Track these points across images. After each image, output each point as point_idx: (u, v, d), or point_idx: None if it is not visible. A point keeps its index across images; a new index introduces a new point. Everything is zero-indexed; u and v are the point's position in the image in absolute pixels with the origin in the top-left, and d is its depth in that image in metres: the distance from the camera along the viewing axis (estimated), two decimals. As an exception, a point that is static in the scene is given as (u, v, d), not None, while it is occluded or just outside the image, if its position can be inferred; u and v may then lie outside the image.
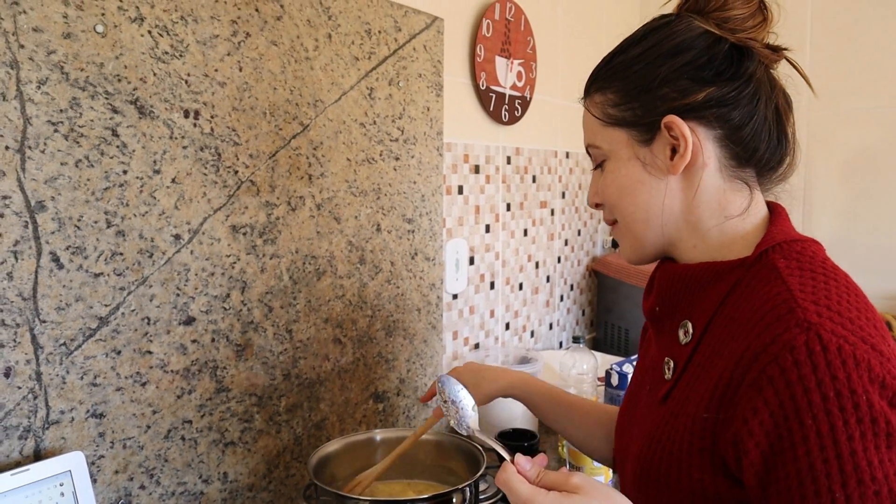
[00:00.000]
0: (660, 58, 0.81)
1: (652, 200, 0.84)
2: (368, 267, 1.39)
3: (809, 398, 0.64)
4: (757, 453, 0.68)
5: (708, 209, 0.83)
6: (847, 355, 0.65)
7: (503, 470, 0.72)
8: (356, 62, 1.32)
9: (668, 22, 0.83)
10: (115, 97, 0.95)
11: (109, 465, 0.98)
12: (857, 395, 0.64)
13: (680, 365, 0.82)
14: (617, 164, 0.86)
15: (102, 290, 0.95)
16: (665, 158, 0.82)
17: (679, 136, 0.80)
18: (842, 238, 2.42)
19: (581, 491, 0.68)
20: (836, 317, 0.68)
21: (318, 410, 1.30)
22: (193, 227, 1.06)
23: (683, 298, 0.85)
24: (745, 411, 0.68)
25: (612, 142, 0.85)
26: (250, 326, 1.16)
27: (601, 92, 0.86)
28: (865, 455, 0.63)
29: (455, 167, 1.68)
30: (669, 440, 0.79)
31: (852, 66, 2.38)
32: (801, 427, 0.64)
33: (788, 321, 0.68)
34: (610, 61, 0.87)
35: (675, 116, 0.79)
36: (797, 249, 0.78)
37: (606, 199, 0.88)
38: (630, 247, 0.90)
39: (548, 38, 2.07)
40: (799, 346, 0.66)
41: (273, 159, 1.17)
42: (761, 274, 0.76)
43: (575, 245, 2.36)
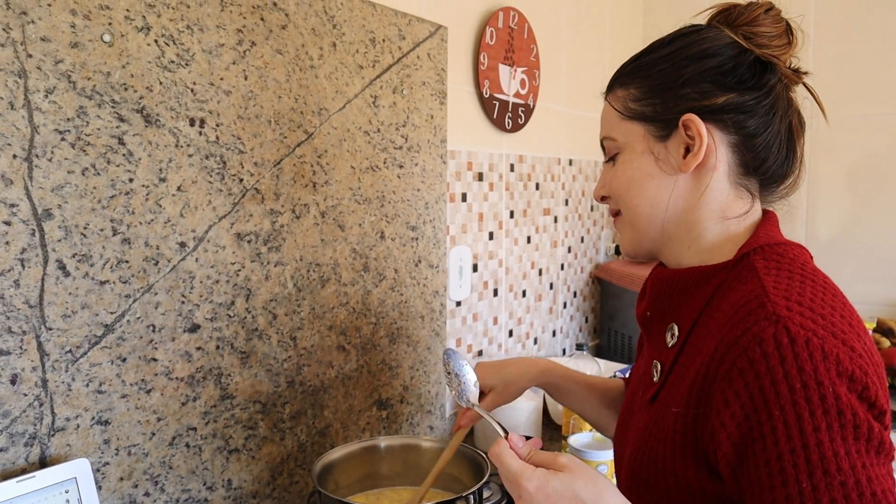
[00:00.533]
0: (686, 59, 0.83)
1: (659, 195, 0.86)
2: (372, 274, 1.40)
3: (777, 389, 0.66)
4: (729, 445, 0.69)
5: (709, 211, 0.84)
6: (814, 348, 0.66)
7: (496, 444, 0.75)
8: (360, 70, 1.33)
9: (699, 29, 0.86)
10: (122, 106, 0.96)
11: (114, 472, 0.98)
12: (824, 387, 0.65)
13: (666, 367, 0.84)
14: (630, 156, 0.87)
15: (108, 297, 0.96)
16: (678, 156, 0.84)
17: (695, 135, 0.82)
18: (845, 245, 2.42)
19: (567, 469, 0.70)
20: (808, 312, 0.69)
21: (322, 417, 1.31)
22: (198, 234, 1.06)
23: (671, 302, 0.87)
24: (718, 404, 0.70)
25: (629, 134, 0.87)
26: (255, 334, 1.16)
27: (624, 87, 0.88)
28: (832, 446, 0.64)
29: (458, 175, 1.69)
30: (656, 440, 0.80)
31: (855, 73, 2.38)
32: (770, 418, 0.66)
33: (758, 314, 0.69)
34: (636, 60, 0.89)
35: (693, 115, 0.81)
36: (779, 252, 0.80)
37: (614, 189, 0.90)
38: (629, 239, 0.92)
39: (551, 46, 2.07)
40: (767, 339, 0.67)
41: (278, 167, 1.18)
42: (741, 275, 0.78)
43: (578, 252, 2.37)
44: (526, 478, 0.70)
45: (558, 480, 0.69)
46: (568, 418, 1.54)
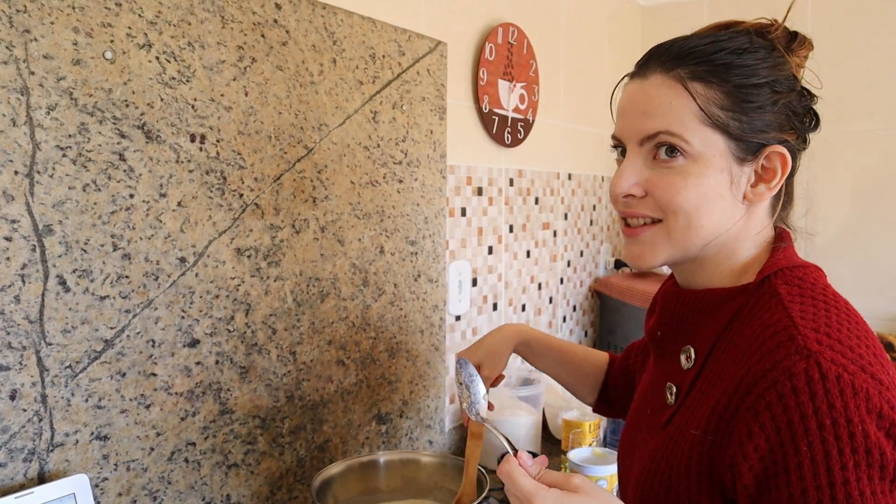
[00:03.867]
0: (773, 83, 0.79)
1: (724, 220, 0.80)
2: (372, 289, 1.40)
3: (806, 425, 0.65)
4: (751, 477, 0.68)
5: (749, 238, 0.83)
6: (845, 384, 0.65)
7: (506, 462, 0.73)
8: (360, 86, 1.34)
9: (771, 48, 0.80)
10: (123, 122, 0.96)
11: (113, 488, 0.98)
12: (854, 425, 0.64)
13: (683, 390, 0.82)
14: (707, 170, 0.78)
15: (108, 312, 0.96)
16: (748, 183, 0.80)
17: (777, 167, 0.79)
18: (844, 259, 2.42)
19: (581, 491, 0.69)
20: (837, 345, 0.68)
21: (322, 432, 1.31)
22: (199, 249, 1.07)
23: (686, 324, 0.85)
24: (741, 435, 0.69)
25: (708, 144, 0.78)
26: (254, 348, 1.16)
27: (704, 83, 0.78)
28: (858, 485, 0.63)
29: (458, 189, 1.69)
30: (668, 464, 0.79)
31: (854, 89, 2.39)
32: (796, 453, 0.65)
33: (788, 348, 0.68)
34: (717, 54, 0.79)
35: (783, 147, 0.79)
36: (799, 276, 0.79)
37: (674, 200, 0.79)
38: (668, 254, 0.83)
39: (550, 62, 2.08)
40: (798, 374, 0.66)
41: (278, 182, 1.18)
42: (762, 300, 0.77)
43: (577, 266, 2.37)
44: (540, 498, 0.68)
45: (574, 502, 0.68)
46: (567, 433, 1.54)
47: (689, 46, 0.79)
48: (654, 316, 0.92)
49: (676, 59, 0.79)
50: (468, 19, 1.70)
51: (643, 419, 0.92)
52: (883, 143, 2.36)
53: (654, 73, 0.80)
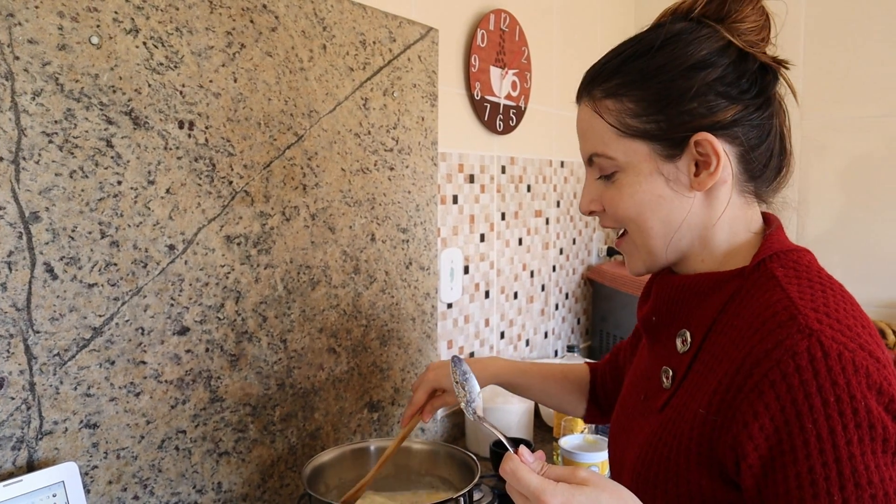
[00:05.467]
0: (687, 70, 0.78)
1: (672, 216, 0.82)
2: (363, 276, 1.40)
3: (810, 403, 0.65)
4: (756, 457, 0.69)
5: (723, 225, 0.83)
6: (847, 361, 0.66)
7: (508, 460, 0.71)
8: (351, 73, 1.33)
9: (689, 29, 0.80)
10: (110, 108, 0.95)
11: (103, 476, 0.98)
12: (857, 401, 0.65)
13: (679, 374, 0.82)
14: (636, 177, 0.82)
15: (96, 300, 0.96)
16: (689, 174, 0.80)
17: (710, 153, 0.78)
18: (836, 247, 2.43)
19: (590, 484, 0.68)
20: (836, 324, 0.69)
21: (313, 420, 1.30)
22: (188, 237, 1.06)
23: (681, 308, 0.85)
24: (745, 415, 0.69)
25: (630, 154, 0.81)
26: (244, 336, 1.16)
27: (615, 98, 0.81)
28: (863, 459, 0.64)
29: (450, 177, 1.69)
30: (667, 446, 0.79)
31: (846, 76, 2.39)
32: (802, 431, 0.66)
33: (790, 327, 0.69)
34: (624, 65, 0.82)
35: (707, 134, 0.78)
36: (793, 259, 0.79)
37: (621, 212, 0.84)
38: (642, 261, 0.87)
39: (542, 49, 2.08)
40: (801, 352, 0.67)
41: (267, 169, 1.17)
42: (760, 283, 0.77)
43: (570, 254, 2.37)
44: (549, 493, 0.67)
45: (584, 495, 0.66)
46: (559, 420, 1.54)
47: (600, 66, 0.84)
48: (649, 302, 0.92)
49: (592, 83, 0.84)
50: (459, 5, 1.69)
51: (636, 405, 0.92)
52: (876, 129, 2.36)
53: (582, 99, 0.86)
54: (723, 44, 0.79)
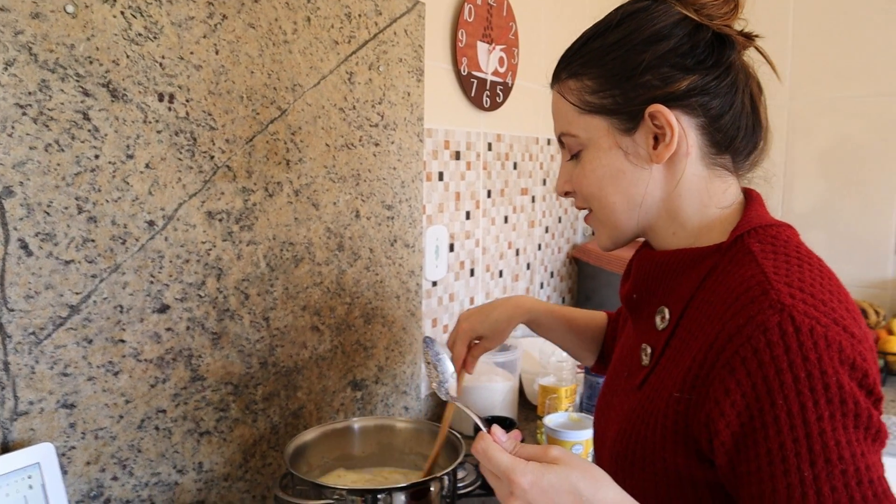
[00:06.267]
0: (640, 44, 0.79)
1: (633, 190, 0.83)
2: (347, 254, 1.38)
3: (781, 379, 0.65)
4: (728, 434, 0.69)
5: (689, 197, 0.83)
6: (819, 336, 0.66)
7: (480, 439, 0.72)
8: (336, 46, 1.30)
9: (647, 6, 0.81)
10: (87, 80, 0.92)
11: (81, 457, 0.96)
12: (828, 376, 0.65)
13: (657, 351, 0.83)
14: (597, 153, 0.84)
15: (73, 277, 0.93)
16: (648, 147, 0.81)
17: (664, 125, 0.79)
18: (821, 226, 2.44)
19: (561, 462, 0.68)
20: (809, 298, 0.69)
21: (296, 399, 1.29)
22: (168, 213, 1.04)
23: (660, 285, 0.85)
24: (717, 392, 0.69)
25: (591, 130, 0.84)
26: (226, 314, 1.14)
27: (576, 78, 0.84)
28: (834, 435, 0.64)
29: (435, 153, 1.67)
30: (644, 424, 0.80)
31: (833, 56, 2.38)
32: (773, 407, 0.66)
33: (762, 302, 0.69)
34: (584, 46, 0.85)
35: (660, 105, 0.78)
36: (772, 234, 0.79)
37: (584, 188, 0.86)
38: (608, 235, 0.89)
39: (530, 24, 2.05)
40: (772, 327, 0.66)
41: (250, 144, 1.15)
42: (737, 258, 0.77)
43: (555, 232, 2.36)
44: (519, 472, 0.68)
45: (554, 473, 0.67)
46: (543, 399, 1.54)
47: (566, 51, 0.87)
48: (629, 280, 0.92)
49: (559, 67, 0.87)
50: (447, -22, 1.66)
51: (619, 382, 0.92)
52: (862, 109, 2.36)
53: (553, 84, 0.89)
54: (678, 17, 0.79)
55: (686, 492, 0.75)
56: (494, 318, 1.17)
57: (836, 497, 0.63)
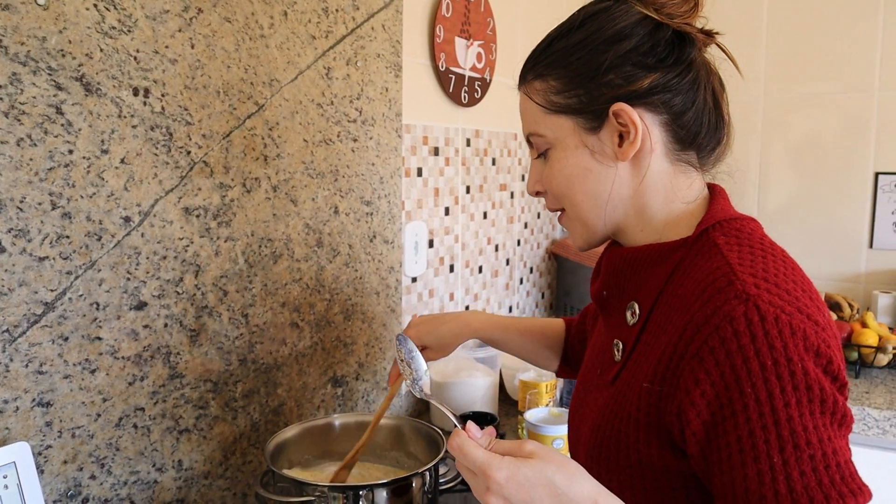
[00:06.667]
0: (602, 44, 0.81)
1: (600, 188, 0.84)
2: (326, 250, 1.37)
3: (749, 367, 0.66)
4: (698, 423, 0.70)
5: (655, 193, 0.84)
6: (784, 325, 0.67)
7: (455, 435, 0.72)
8: (313, 41, 1.29)
9: (608, 7, 0.83)
10: (59, 73, 0.91)
11: (57, 456, 0.95)
12: (794, 363, 0.66)
13: (629, 345, 0.84)
14: (564, 152, 0.85)
15: (48, 274, 0.92)
16: (613, 145, 0.82)
17: (628, 123, 0.80)
18: (795, 221, 2.46)
19: (536, 456, 0.69)
20: (774, 288, 0.70)
21: (276, 396, 1.28)
22: (144, 209, 1.03)
23: (629, 280, 0.86)
24: (687, 383, 0.70)
25: (557, 130, 0.85)
26: (204, 311, 1.13)
27: (542, 79, 0.86)
28: (801, 420, 0.66)
29: (414, 149, 1.66)
30: (617, 418, 0.80)
31: (805, 54, 2.41)
32: (741, 395, 0.67)
33: (728, 293, 0.70)
34: (548, 47, 0.86)
35: (623, 104, 0.80)
36: (736, 227, 0.81)
37: (553, 188, 0.88)
38: (580, 235, 0.90)
39: (508, 20, 2.05)
40: (738, 317, 0.68)
41: (227, 139, 1.14)
42: (703, 251, 0.78)
43: (535, 228, 2.36)
44: (495, 467, 0.68)
45: (529, 468, 0.67)
46: (524, 394, 1.54)
47: (531, 53, 0.88)
48: (600, 277, 0.93)
49: (525, 69, 0.89)
50: (424, -26, 1.66)
51: (592, 379, 0.93)
52: (834, 105, 2.39)
53: (519, 86, 0.91)
54: (638, 17, 0.81)
55: (661, 483, 0.76)
56: (441, 333, 1.19)
57: (804, 481, 0.65)
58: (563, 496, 0.67)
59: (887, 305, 2.26)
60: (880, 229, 2.35)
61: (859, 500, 0.65)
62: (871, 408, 1.67)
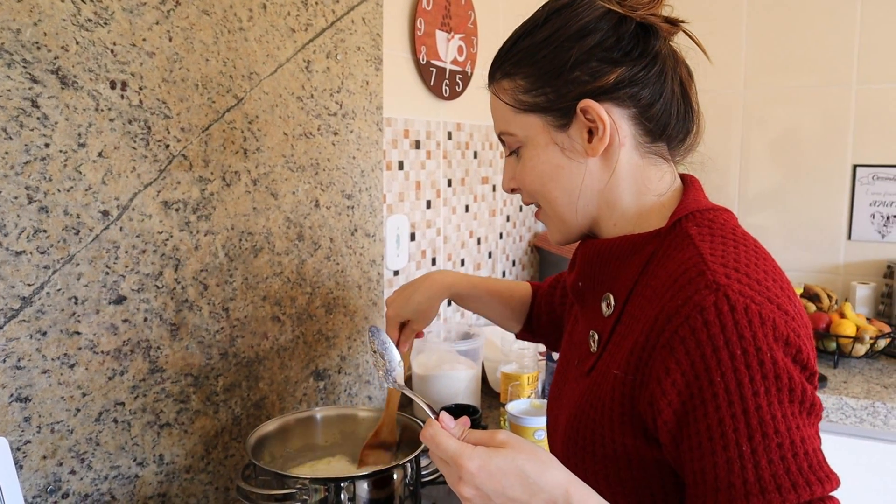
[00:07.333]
0: (567, 41, 0.81)
1: (573, 183, 0.85)
2: (307, 243, 1.37)
3: (718, 356, 0.67)
4: (670, 412, 0.70)
5: (627, 186, 0.84)
6: (753, 314, 0.68)
7: (428, 426, 0.73)
8: (292, 34, 1.29)
9: (571, 3, 0.83)
10: (35, 66, 0.90)
11: (36, 451, 0.94)
12: (763, 353, 0.67)
13: (604, 336, 0.85)
14: (535, 150, 0.86)
15: (25, 268, 0.91)
16: (583, 141, 0.82)
17: (596, 119, 0.80)
18: (775, 213, 2.48)
19: (507, 446, 0.70)
20: (744, 278, 0.71)
21: (257, 389, 1.28)
22: (122, 202, 1.02)
23: (604, 272, 0.87)
24: (658, 372, 0.71)
25: (527, 128, 0.85)
26: (185, 305, 1.13)
27: (509, 78, 0.86)
28: (770, 409, 0.66)
29: (395, 142, 1.66)
30: (592, 408, 0.81)
31: (787, 46, 2.43)
32: (711, 385, 0.67)
33: (698, 283, 0.70)
34: (514, 46, 0.86)
35: (590, 101, 0.80)
36: (709, 218, 0.81)
37: (527, 185, 0.88)
38: (557, 230, 0.91)
39: (489, 13, 2.05)
40: (708, 307, 0.68)
41: (206, 133, 1.13)
42: (675, 242, 0.79)
43: (517, 221, 2.37)
44: (467, 457, 0.68)
45: (500, 457, 0.68)
46: (506, 386, 1.55)
47: (498, 53, 0.89)
48: (575, 269, 0.94)
49: (492, 69, 0.89)
50: (404, -34, 1.65)
51: (570, 370, 0.93)
52: (811, 98, 2.41)
53: (489, 86, 0.91)
54: (602, 11, 0.81)
55: (635, 472, 0.77)
56: (417, 301, 1.20)
57: (773, 469, 0.65)
58: (534, 485, 0.67)
59: (865, 296, 2.28)
60: (858, 221, 2.37)
61: (827, 487, 0.66)
62: (848, 397, 1.70)
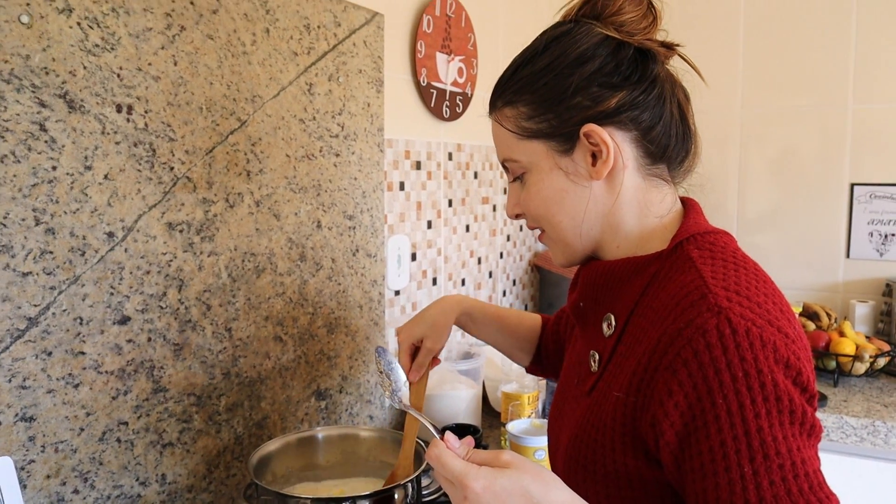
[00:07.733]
0: (567, 67, 0.82)
1: (577, 207, 0.86)
2: (309, 264, 1.38)
3: (720, 379, 0.68)
4: (672, 433, 0.71)
5: (630, 209, 0.86)
6: (754, 337, 0.69)
7: (434, 446, 0.73)
8: (295, 57, 1.31)
9: (569, 30, 0.85)
10: (43, 90, 0.92)
11: (40, 470, 0.95)
12: (764, 375, 0.68)
13: (605, 357, 0.85)
14: (539, 175, 0.87)
15: (31, 289, 0.93)
16: (587, 165, 0.84)
17: (599, 142, 0.82)
18: (774, 232, 2.50)
19: (512, 466, 0.70)
20: (745, 301, 0.72)
21: (260, 409, 1.29)
22: (127, 224, 1.03)
23: (605, 293, 0.88)
24: (661, 394, 0.72)
25: (531, 154, 0.86)
26: (188, 325, 1.14)
27: (511, 105, 0.87)
28: (771, 431, 0.67)
29: (396, 163, 1.68)
30: (594, 428, 0.82)
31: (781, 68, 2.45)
32: (713, 406, 0.68)
33: (700, 306, 0.71)
34: (514, 74, 0.88)
35: (593, 125, 0.81)
36: (710, 240, 0.82)
37: (532, 210, 0.89)
38: (562, 253, 0.92)
39: (489, 35, 2.08)
40: (710, 330, 0.69)
41: (210, 155, 1.15)
42: (677, 264, 0.80)
43: (517, 240, 2.38)
44: (472, 477, 0.69)
45: (505, 478, 0.68)
46: (506, 405, 1.56)
47: (499, 80, 0.90)
48: (577, 289, 0.94)
49: (494, 96, 0.90)
50: (405, -9, 1.68)
51: (570, 390, 0.94)
52: (810, 118, 2.43)
53: (490, 113, 0.92)
54: (600, 37, 0.83)
55: (636, 492, 0.78)
56: (430, 316, 1.20)
57: (774, 490, 0.66)
58: None
59: (864, 314, 2.29)
60: (856, 239, 2.39)
61: None
62: (848, 416, 1.70)
